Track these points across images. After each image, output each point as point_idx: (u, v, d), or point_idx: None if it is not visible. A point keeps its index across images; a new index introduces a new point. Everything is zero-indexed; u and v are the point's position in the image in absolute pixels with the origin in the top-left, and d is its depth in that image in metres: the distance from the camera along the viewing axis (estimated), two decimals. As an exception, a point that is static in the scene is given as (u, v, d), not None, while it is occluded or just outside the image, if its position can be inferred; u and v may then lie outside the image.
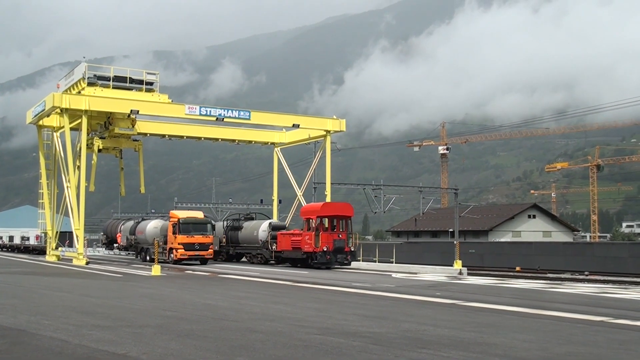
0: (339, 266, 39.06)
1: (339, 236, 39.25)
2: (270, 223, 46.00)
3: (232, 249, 49.04)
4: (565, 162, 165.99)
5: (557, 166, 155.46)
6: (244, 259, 49.26)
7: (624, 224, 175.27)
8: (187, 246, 42.83)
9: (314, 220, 39.06)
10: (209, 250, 43.75)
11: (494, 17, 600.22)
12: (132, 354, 10.21)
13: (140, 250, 51.37)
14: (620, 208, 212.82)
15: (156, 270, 32.87)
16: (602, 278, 39.37)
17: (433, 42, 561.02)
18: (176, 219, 43.84)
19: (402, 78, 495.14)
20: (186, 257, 42.79)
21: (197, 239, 43.16)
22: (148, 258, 47.04)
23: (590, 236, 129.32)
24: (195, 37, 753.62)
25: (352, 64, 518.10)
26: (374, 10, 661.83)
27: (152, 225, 49.73)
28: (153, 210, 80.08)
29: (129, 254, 58.36)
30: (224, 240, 48.97)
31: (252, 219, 49.74)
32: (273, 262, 43.68)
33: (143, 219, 54.65)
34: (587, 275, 41.96)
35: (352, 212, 41.42)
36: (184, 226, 43.29)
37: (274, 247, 42.93)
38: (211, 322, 14.64)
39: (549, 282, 33.05)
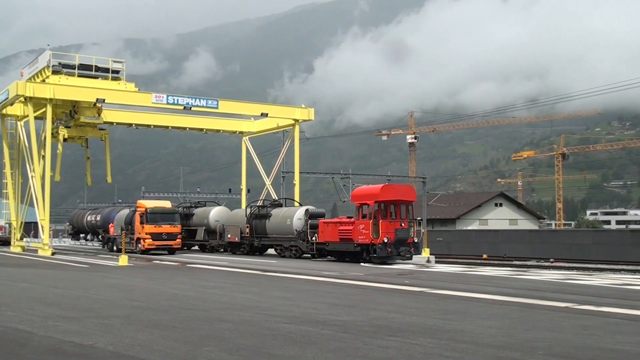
0: (401, 260, 33.31)
1: (401, 225, 32.98)
2: (307, 210, 39.70)
3: (258, 241, 42.10)
4: (532, 150, 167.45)
5: (523, 155, 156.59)
6: (269, 252, 43.66)
7: (588, 212, 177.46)
8: (155, 236, 42.63)
9: (371, 206, 32.68)
10: (177, 240, 43.62)
11: (464, 6, 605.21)
12: (99, 345, 10.17)
13: (107, 240, 50.92)
14: (585, 196, 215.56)
15: (123, 260, 32.79)
16: (567, 265, 39.78)
17: (403, 31, 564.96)
18: (143, 209, 43.57)
19: (373, 66, 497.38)
20: (154, 247, 42.66)
21: (165, 228, 42.95)
22: (115, 248, 46.63)
23: (555, 224, 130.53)
24: (164, 25, 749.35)
25: (322, 52, 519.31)
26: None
27: None
28: (120, 200, 79.46)
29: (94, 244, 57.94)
30: (247, 230, 42.36)
31: (281, 205, 43.94)
32: (309, 255, 37.73)
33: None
34: (552, 262, 42.40)
35: (415, 197, 35.74)
36: (151, 216, 43.05)
37: (314, 238, 36.49)
38: (179, 312, 14.61)
39: (515, 269, 33.34)
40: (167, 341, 10.60)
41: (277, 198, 47.40)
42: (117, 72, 46.68)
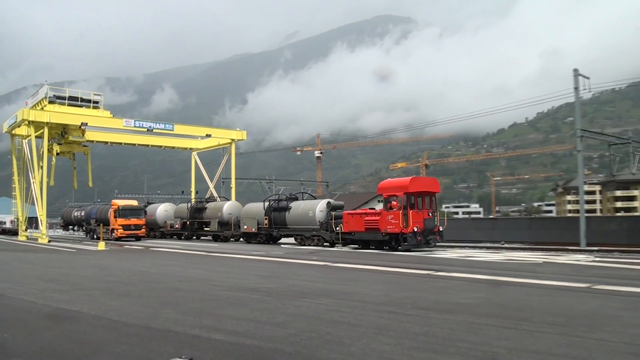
0: (427, 249, 27.62)
1: (429, 215, 27.43)
2: (329, 202, 33.31)
3: (277, 231, 35.48)
4: (404, 162, 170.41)
5: (398, 165, 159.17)
6: (282, 240, 36.91)
7: (443, 206, 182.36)
8: (125, 227, 42.33)
9: (401, 198, 26.78)
10: (142, 229, 43.29)
11: (357, 57, 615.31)
12: (84, 310, 9.98)
13: (89, 230, 50.06)
14: (442, 194, 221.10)
15: (102, 246, 32.12)
16: (428, 244, 40.61)
17: (314, 74, 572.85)
18: (116, 206, 43.31)
19: (292, 100, 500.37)
20: (125, 235, 42.21)
21: (133, 221, 42.65)
22: (95, 236, 45.68)
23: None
24: (135, 66, 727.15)
25: (254, 89, 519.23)
26: (267, 51, 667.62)
27: (163, 209, 47.52)
28: (99, 200, 77.51)
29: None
30: (266, 222, 35.85)
31: (296, 199, 36.84)
32: (327, 244, 31.98)
33: (149, 203, 51.40)
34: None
35: (439, 188, 29.10)
36: (122, 212, 42.78)
37: (338, 228, 30.63)
38: (144, 284, 14.33)
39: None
40: (135, 306, 10.42)
41: (292, 193, 38.90)
42: (97, 102, 46.63)
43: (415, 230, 26.01)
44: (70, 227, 60.65)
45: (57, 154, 49.02)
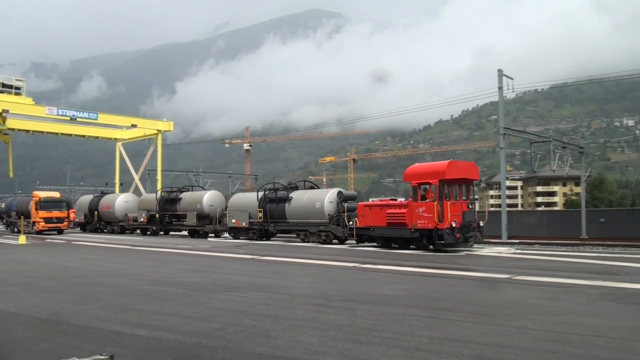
0: (465, 248, 21.93)
1: (468, 207, 22.16)
2: (340, 192, 27.91)
3: (274, 226, 30.39)
4: (333, 156, 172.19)
5: (327, 159, 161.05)
6: (275, 238, 32.34)
7: (371, 200, 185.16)
8: (47, 220, 40.85)
9: (434, 186, 21.33)
10: (65, 223, 41.85)
11: (289, 49, 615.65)
12: (3, 307, 9.57)
13: (9, 223, 47.91)
14: (369, 188, 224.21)
15: (22, 239, 30.75)
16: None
17: (244, 65, 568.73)
18: (38, 198, 41.60)
19: (222, 90, 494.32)
20: (46, 228, 40.73)
21: (55, 214, 41.15)
22: (16, 230, 43.70)
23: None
24: (61, 52, 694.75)
25: (183, 79, 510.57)
26: (196, 41, 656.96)
27: (123, 200, 42.48)
28: (20, 191, 74.41)
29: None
30: (260, 215, 30.57)
31: (297, 188, 30.93)
32: (337, 241, 27.14)
33: (103, 193, 46.46)
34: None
35: (479, 175, 23.51)
36: (44, 204, 41.23)
37: (351, 222, 25.29)
38: (66, 280, 13.81)
39: (320, 242, 33.85)
40: (56, 302, 10.05)
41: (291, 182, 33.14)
42: (19, 88, 44.87)
43: (453, 225, 20.81)
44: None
45: (-23, 143, 46.70)
